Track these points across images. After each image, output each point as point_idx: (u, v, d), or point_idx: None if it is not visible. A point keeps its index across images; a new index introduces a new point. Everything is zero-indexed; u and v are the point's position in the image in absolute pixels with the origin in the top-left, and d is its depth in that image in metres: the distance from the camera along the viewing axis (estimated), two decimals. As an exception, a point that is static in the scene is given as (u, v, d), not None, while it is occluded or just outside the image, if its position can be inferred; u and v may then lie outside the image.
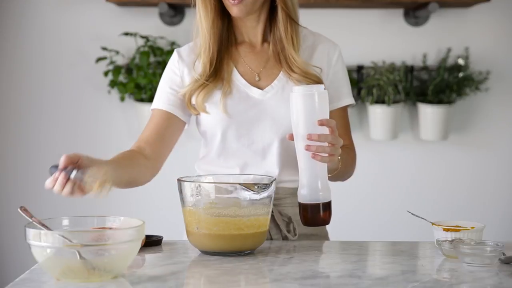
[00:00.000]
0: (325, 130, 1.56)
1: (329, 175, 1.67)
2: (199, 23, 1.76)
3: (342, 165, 1.69)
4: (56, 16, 3.22)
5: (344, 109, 1.84)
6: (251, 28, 1.80)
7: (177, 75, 1.82)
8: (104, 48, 3.14)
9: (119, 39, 3.17)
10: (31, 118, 3.25)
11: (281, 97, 1.76)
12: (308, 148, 1.56)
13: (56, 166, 1.49)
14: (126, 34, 3.13)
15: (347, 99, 1.83)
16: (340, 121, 1.81)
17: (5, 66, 3.24)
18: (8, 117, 3.25)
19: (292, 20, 1.77)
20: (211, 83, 1.76)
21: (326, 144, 1.55)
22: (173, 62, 1.84)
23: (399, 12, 3.25)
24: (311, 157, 1.56)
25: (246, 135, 1.76)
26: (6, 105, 3.25)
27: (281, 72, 1.78)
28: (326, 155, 1.57)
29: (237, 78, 1.78)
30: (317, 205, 1.59)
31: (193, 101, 1.77)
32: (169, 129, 1.80)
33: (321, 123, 1.55)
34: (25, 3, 3.21)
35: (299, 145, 1.58)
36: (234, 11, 1.72)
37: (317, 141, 1.55)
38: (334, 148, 1.57)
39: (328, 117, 1.58)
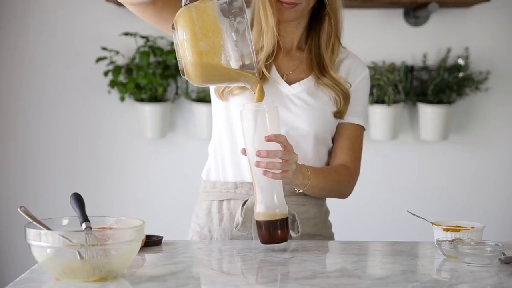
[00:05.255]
0: (277, 146, 1.54)
1: (300, 191, 1.68)
2: (265, 22, 1.73)
3: (319, 182, 1.69)
4: (56, 16, 3.22)
5: (354, 127, 1.83)
6: (290, 33, 1.81)
7: None
8: (104, 48, 3.14)
9: (119, 39, 3.17)
10: (31, 118, 3.25)
11: (306, 95, 1.77)
12: (257, 164, 1.54)
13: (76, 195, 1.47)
14: (126, 34, 3.13)
15: (357, 118, 1.83)
16: (347, 134, 1.82)
17: (5, 66, 3.24)
18: (8, 117, 3.25)
19: (336, 34, 1.80)
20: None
21: (277, 160, 1.54)
22: None
23: (399, 12, 3.25)
24: (262, 173, 1.54)
25: None
26: (6, 105, 3.25)
27: (311, 76, 1.80)
28: (279, 171, 1.55)
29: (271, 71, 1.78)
30: (275, 222, 1.56)
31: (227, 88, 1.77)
32: None
33: (268, 138, 1.53)
34: (25, 4, 3.21)
35: (251, 161, 1.56)
36: (286, 14, 1.73)
37: (266, 157, 1.53)
38: (286, 164, 1.55)
39: (279, 133, 1.56)
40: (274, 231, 1.56)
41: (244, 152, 1.59)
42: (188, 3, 1.53)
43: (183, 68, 1.54)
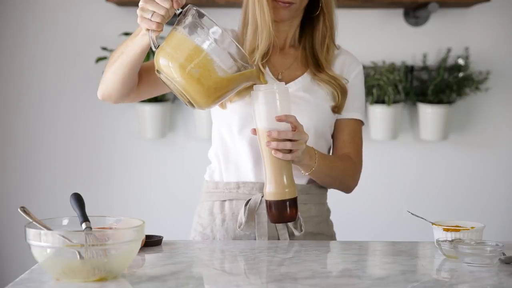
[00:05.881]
0: (287, 127, 1.58)
1: (306, 173, 1.69)
2: (261, 21, 1.72)
3: (325, 166, 1.70)
4: (56, 16, 3.22)
5: (354, 122, 1.84)
6: (283, 32, 1.81)
7: None
8: (104, 48, 3.14)
9: (119, 39, 3.17)
10: (31, 118, 3.25)
11: (302, 93, 1.77)
12: (268, 144, 1.57)
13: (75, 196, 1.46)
14: (126, 34, 3.12)
15: (356, 113, 1.84)
16: (347, 129, 1.83)
17: (5, 66, 3.24)
18: (8, 117, 3.25)
19: (331, 35, 1.80)
20: None
21: (287, 140, 1.57)
22: None
23: (399, 12, 3.25)
24: (273, 154, 1.57)
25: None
26: (6, 105, 3.25)
27: (306, 73, 1.81)
28: (288, 151, 1.58)
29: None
30: (284, 202, 1.59)
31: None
32: None
33: (279, 119, 1.56)
34: (25, 3, 3.21)
35: (261, 142, 1.59)
36: (281, 13, 1.74)
37: (277, 137, 1.56)
38: (296, 144, 1.58)
39: (290, 113, 1.58)
40: (283, 211, 1.59)
41: (254, 132, 1.61)
42: (158, 46, 1.53)
43: (188, 101, 1.53)
